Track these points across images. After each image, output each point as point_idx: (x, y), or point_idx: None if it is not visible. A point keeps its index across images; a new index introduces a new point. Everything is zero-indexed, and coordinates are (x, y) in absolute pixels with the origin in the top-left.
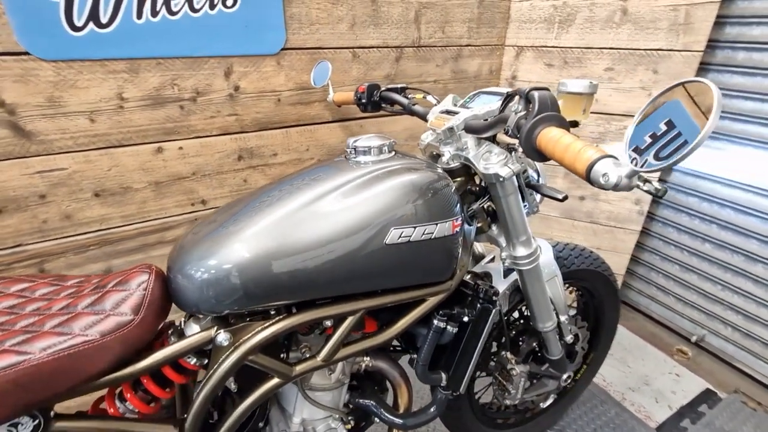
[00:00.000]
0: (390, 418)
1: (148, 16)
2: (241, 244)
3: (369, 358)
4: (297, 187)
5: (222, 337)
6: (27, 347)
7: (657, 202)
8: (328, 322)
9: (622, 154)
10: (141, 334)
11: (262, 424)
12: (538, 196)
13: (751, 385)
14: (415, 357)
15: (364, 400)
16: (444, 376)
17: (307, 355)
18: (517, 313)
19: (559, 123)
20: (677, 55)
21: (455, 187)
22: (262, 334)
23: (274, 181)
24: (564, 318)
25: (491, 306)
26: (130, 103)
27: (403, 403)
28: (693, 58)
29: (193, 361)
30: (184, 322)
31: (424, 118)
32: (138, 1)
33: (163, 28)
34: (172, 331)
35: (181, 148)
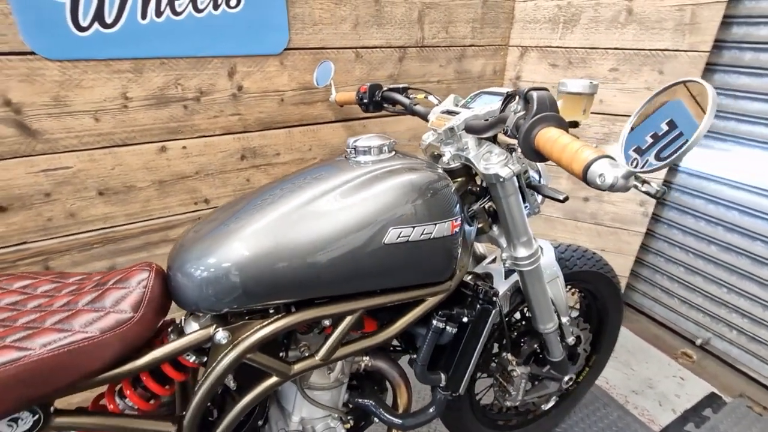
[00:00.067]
0: (389, 418)
1: (153, 17)
2: (239, 243)
3: (368, 357)
4: (296, 187)
5: (220, 335)
6: (27, 343)
7: (662, 203)
8: (327, 322)
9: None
10: (140, 332)
11: (262, 423)
12: (539, 197)
13: (756, 390)
14: (414, 357)
15: (363, 400)
16: (443, 376)
17: (306, 354)
18: (519, 314)
19: (558, 123)
20: (683, 55)
21: (455, 188)
22: (261, 332)
23: (275, 180)
24: (565, 319)
25: (491, 307)
26: (135, 102)
27: (402, 403)
28: (699, 58)
29: (192, 358)
30: (184, 320)
31: (426, 118)
32: (142, 2)
33: (167, 29)
34: (171, 329)
35: (184, 148)
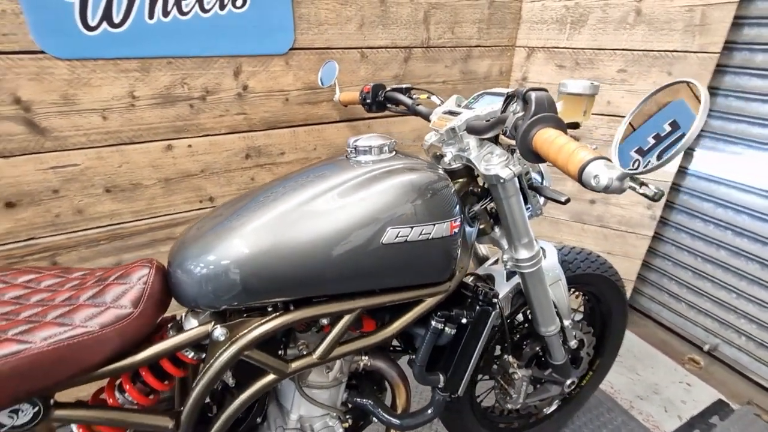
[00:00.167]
0: (387, 418)
1: (160, 16)
2: (238, 241)
3: (367, 357)
4: (295, 186)
5: (218, 332)
6: (28, 336)
7: (671, 207)
8: (325, 321)
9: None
10: (140, 327)
11: (260, 420)
12: (541, 199)
13: (765, 397)
14: (413, 357)
15: (361, 399)
16: (442, 377)
17: (304, 353)
18: (522, 317)
19: (556, 124)
20: (693, 56)
21: (456, 189)
22: (258, 330)
23: (276, 179)
24: (567, 322)
25: (491, 308)
26: (141, 101)
27: (401, 403)
28: (709, 59)
29: (191, 354)
30: (184, 316)
31: (428, 118)
32: (150, 2)
33: (174, 28)
34: (171, 325)
35: (190, 146)
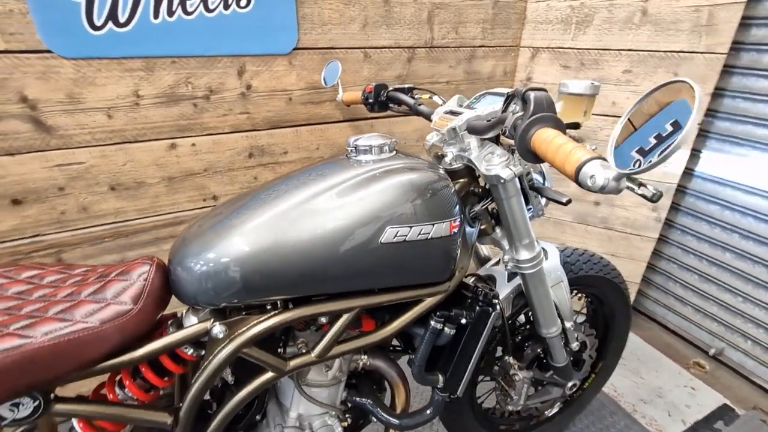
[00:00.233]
0: (386, 417)
1: (165, 16)
2: (238, 239)
3: (367, 356)
4: (295, 185)
5: (217, 329)
6: (29, 331)
7: (677, 209)
8: (324, 319)
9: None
10: (139, 323)
11: (260, 418)
12: (543, 200)
13: None
14: (413, 357)
15: (360, 399)
16: (441, 377)
17: (303, 351)
18: (523, 318)
19: (554, 124)
20: (699, 57)
21: (456, 189)
22: (257, 328)
23: (276, 177)
24: (569, 324)
25: (490, 309)
26: (146, 100)
27: (400, 403)
28: (716, 60)
29: (190, 351)
30: (184, 314)
31: (429, 118)
32: (155, 2)
33: (178, 28)
34: (171, 322)
35: (193, 145)
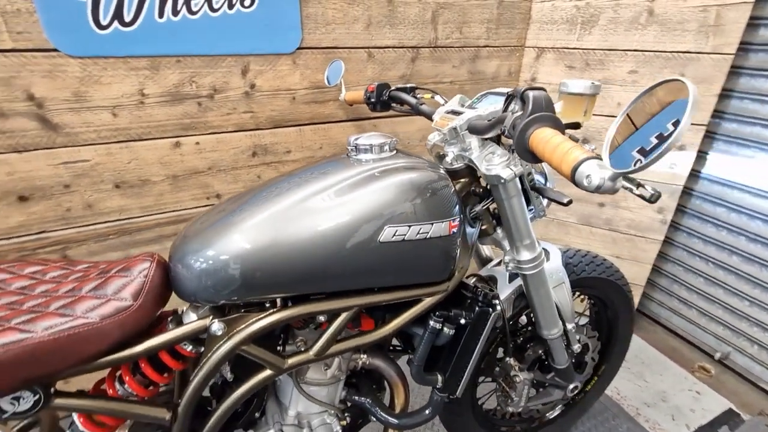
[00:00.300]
0: (385, 417)
1: (170, 16)
2: (238, 236)
3: (366, 356)
4: (296, 184)
5: (216, 326)
6: (30, 326)
7: (683, 211)
8: (322, 318)
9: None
10: (139, 320)
11: (259, 415)
12: (544, 200)
13: None
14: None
15: (359, 398)
16: (440, 377)
17: (302, 349)
18: (525, 319)
19: (553, 124)
20: (706, 57)
21: (457, 188)
22: (256, 325)
23: (277, 176)
24: (570, 326)
25: (490, 309)
26: (150, 99)
27: (399, 403)
28: (723, 61)
29: (189, 348)
30: (184, 310)
31: (431, 118)
32: (160, 1)
33: (183, 27)
34: (171, 319)
35: (197, 144)
